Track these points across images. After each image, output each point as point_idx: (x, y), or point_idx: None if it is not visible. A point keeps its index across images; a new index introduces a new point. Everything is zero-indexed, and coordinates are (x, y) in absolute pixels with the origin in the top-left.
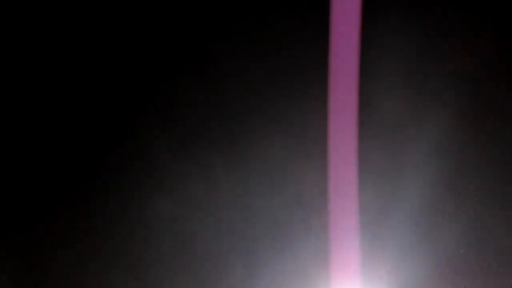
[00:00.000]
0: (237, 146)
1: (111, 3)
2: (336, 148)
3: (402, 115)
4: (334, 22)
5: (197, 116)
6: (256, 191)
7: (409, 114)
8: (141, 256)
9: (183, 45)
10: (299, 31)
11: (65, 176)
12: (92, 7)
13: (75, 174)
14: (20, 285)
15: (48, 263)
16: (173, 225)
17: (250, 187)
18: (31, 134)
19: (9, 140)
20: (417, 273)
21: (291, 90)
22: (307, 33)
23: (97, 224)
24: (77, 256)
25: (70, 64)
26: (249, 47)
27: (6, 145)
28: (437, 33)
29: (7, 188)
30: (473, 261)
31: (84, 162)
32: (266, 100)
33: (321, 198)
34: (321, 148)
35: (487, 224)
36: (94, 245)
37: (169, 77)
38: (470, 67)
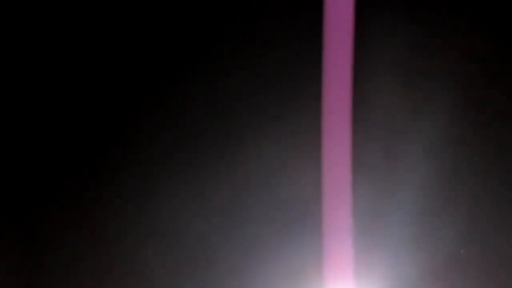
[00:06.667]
0: (231, 147)
1: (109, 3)
2: (330, 148)
3: (396, 115)
4: (327, 21)
5: (192, 116)
6: (251, 192)
7: (404, 113)
8: (137, 256)
9: (180, 46)
10: (293, 30)
11: (60, 174)
12: (91, 8)
13: (70, 172)
14: (13, 284)
15: (41, 262)
16: (169, 225)
17: (244, 188)
18: (25, 132)
19: (4, 140)
20: (412, 274)
21: (284, 90)
22: (300, 33)
23: (92, 223)
24: (71, 256)
25: (68, 63)
26: (243, 47)
27: (1, 144)
28: (430, 32)
29: (1, 188)
30: (469, 261)
31: (80, 161)
32: (260, 100)
33: (315, 198)
34: (315, 148)
35: (484, 224)
36: (89, 244)
37: (166, 77)
38: (464, 66)
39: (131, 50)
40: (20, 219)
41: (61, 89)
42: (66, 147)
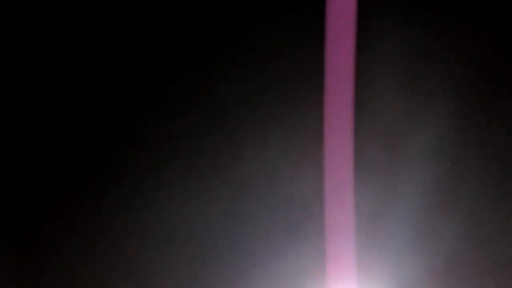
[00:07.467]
0: (233, 148)
1: (111, 5)
2: (332, 149)
3: (397, 117)
4: (329, 24)
5: (193, 118)
6: (252, 193)
7: (405, 115)
8: (138, 258)
9: (180, 46)
10: (294, 31)
11: (60, 175)
12: (91, 8)
13: (71, 173)
14: (14, 285)
15: (41, 263)
16: (170, 227)
17: (246, 189)
18: (25, 133)
19: (4, 140)
20: (413, 275)
21: (285, 90)
22: (302, 33)
23: (93, 224)
24: (73, 258)
25: (68, 64)
26: (244, 50)
27: (1, 145)
28: (430, 34)
29: (1, 189)
30: (470, 262)
31: (80, 163)
32: (262, 102)
33: (317, 200)
34: (317, 149)
35: (484, 225)
36: (89, 245)
37: (166, 77)
38: (464, 67)
39: (131, 50)
40: (20, 220)
41: (62, 89)
42: (66, 148)
